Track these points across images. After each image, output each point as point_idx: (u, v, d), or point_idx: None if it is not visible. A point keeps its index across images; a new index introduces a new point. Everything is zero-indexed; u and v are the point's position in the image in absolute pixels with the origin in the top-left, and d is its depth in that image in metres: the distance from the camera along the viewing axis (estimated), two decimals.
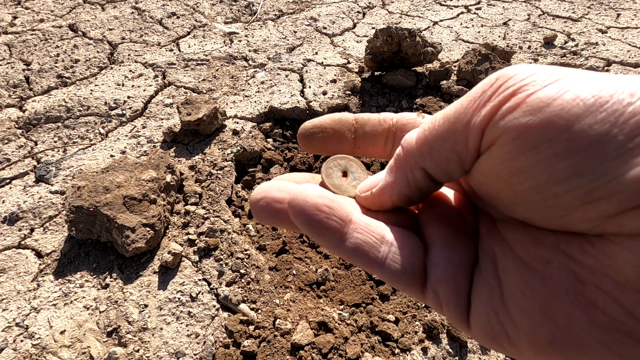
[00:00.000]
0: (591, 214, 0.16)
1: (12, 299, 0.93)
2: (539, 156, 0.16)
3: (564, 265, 0.17)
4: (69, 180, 1.19)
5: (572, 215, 0.16)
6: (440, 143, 0.20)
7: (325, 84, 1.59)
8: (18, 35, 1.79)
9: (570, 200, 0.16)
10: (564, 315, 0.17)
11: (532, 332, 0.18)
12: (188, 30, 1.97)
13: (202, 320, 0.90)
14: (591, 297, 0.16)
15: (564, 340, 0.17)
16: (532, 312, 0.18)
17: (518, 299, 0.18)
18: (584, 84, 0.16)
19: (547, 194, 0.17)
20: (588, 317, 0.16)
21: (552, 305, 0.17)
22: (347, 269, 1.03)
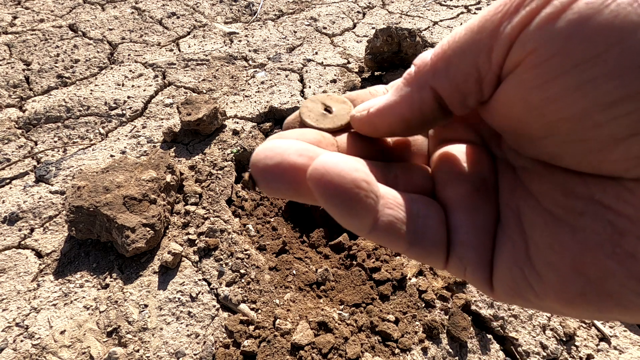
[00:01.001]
0: (635, 150, 0.14)
1: (12, 299, 0.93)
2: (582, 76, 0.14)
3: (599, 216, 0.16)
4: (69, 180, 1.19)
5: (612, 151, 0.15)
6: (459, 56, 0.17)
7: (325, 84, 1.59)
8: (18, 35, 1.79)
9: (614, 130, 0.14)
10: (598, 269, 0.15)
11: (561, 286, 0.16)
12: (188, 30, 1.97)
13: (202, 320, 0.90)
14: (631, 248, 0.15)
15: (597, 293, 0.16)
16: (562, 266, 0.16)
17: (545, 253, 0.17)
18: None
19: (587, 123, 0.14)
20: (626, 270, 0.15)
21: (585, 258, 0.16)
22: (347, 269, 1.03)
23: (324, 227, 1.13)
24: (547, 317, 0.94)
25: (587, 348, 0.90)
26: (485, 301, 0.95)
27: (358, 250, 1.04)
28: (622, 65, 0.13)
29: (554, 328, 0.92)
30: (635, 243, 0.15)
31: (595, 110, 0.14)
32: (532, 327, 0.92)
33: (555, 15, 0.14)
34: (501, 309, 0.94)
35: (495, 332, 0.91)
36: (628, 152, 0.14)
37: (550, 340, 0.90)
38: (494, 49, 0.16)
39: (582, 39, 0.13)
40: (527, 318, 0.93)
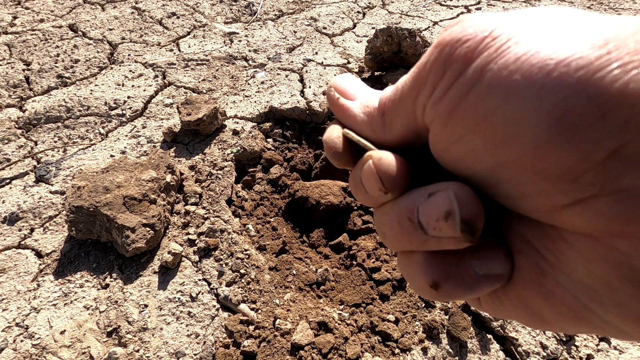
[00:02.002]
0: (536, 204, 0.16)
1: (12, 299, 0.93)
2: (466, 146, 0.16)
3: (530, 257, 0.18)
4: (69, 180, 1.19)
5: (520, 203, 0.16)
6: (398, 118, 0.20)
7: (325, 84, 1.59)
8: (18, 35, 1.79)
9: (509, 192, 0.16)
10: (534, 303, 0.18)
11: (515, 313, 0.19)
12: (188, 30, 1.97)
13: (202, 320, 0.90)
14: (551, 289, 0.17)
15: (540, 321, 0.18)
16: (511, 297, 0.19)
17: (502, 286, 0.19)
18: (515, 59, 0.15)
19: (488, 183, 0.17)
20: (551, 307, 0.17)
21: (524, 294, 0.18)
22: (347, 269, 1.03)
23: (324, 227, 1.13)
24: None
25: (587, 348, 0.90)
26: None
27: (358, 250, 1.04)
28: (489, 140, 0.15)
29: None
30: (554, 285, 0.17)
31: (488, 173, 0.16)
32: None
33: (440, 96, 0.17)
34: None
35: (495, 332, 0.91)
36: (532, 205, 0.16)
37: (550, 340, 0.90)
38: (416, 113, 0.19)
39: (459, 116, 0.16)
40: None
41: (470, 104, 0.15)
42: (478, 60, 0.15)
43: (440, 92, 0.17)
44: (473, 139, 0.16)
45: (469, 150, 0.16)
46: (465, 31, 0.16)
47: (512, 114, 0.14)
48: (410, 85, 0.19)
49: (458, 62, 0.16)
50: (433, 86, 0.17)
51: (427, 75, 0.17)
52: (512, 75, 0.14)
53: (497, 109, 0.15)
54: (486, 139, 0.15)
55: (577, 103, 0.13)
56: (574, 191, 0.14)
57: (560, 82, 0.13)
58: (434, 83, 0.17)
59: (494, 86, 0.15)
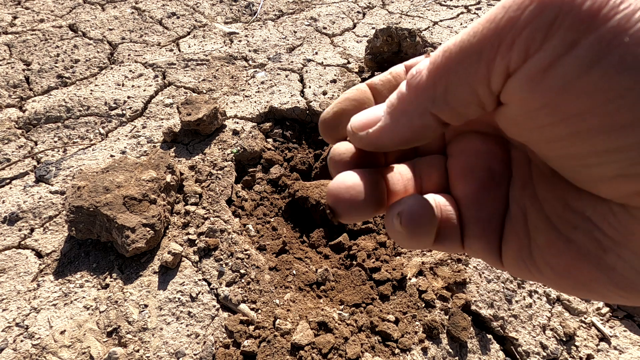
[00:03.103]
0: (621, 186, 0.15)
1: (12, 299, 0.93)
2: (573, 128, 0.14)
3: (589, 232, 0.18)
4: (69, 180, 1.19)
5: (601, 184, 0.16)
6: (457, 83, 0.16)
7: (325, 84, 1.59)
8: (18, 35, 1.79)
9: (603, 171, 0.15)
10: (586, 275, 0.18)
11: (557, 281, 0.19)
12: (188, 30, 1.97)
13: (202, 320, 0.90)
14: (611, 263, 0.17)
15: (585, 290, 0.19)
16: (557, 267, 0.19)
17: (544, 255, 0.19)
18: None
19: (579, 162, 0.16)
20: (608, 278, 0.17)
21: (575, 265, 0.18)
22: (347, 269, 1.03)
23: (324, 227, 1.13)
24: (547, 317, 0.94)
25: (587, 348, 0.90)
26: (485, 301, 0.95)
27: (358, 250, 1.04)
28: (609, 122, 0.13)
29: (554, 328, 0.92)
30: (615, 259, 0.17)
31: (585, 155, 0.15)
32: (532, 327, 0.92)
33: (544, 68, 0.13)
34: (501, 309, 0.94)
35: (495, 332, 0.91)
36: (614, 187, 0.15)
37: (550, 340, 0.90)
38: (491, 80, 0.15)
39: (573, 95, 0.13)
40: (527, 318, 0.93)
41: (587, 82, 0.13)
42: (604, 27, 0.12)
43: (543, 61, 0.13)
44: (586, 121, 0.13)
45: (573, 132, 0.14)
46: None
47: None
48: (481, 46, 0.15)
49: (575, 25, 0.12)
50: (526, 50, 0.14)
51: (516, 35, 0.14)
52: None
53: (632, 90, 0.12)
54: (607, 121, 0.13)
55: None
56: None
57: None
58: (527, 46, 0.13)
59: (627, 63, 0.12)
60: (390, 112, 0.20)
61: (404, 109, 0.19)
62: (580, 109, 0.13)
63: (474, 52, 0.15)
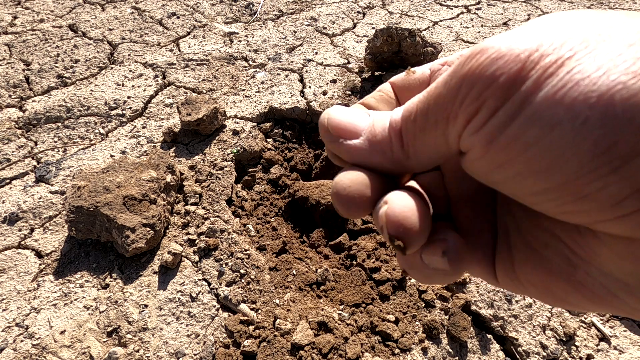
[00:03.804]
0: (576, 219, 0.16)
1: (12, 299, 0.93)
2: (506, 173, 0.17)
3: (559, 250, 0.19)
4: (69, 180, 1.19)
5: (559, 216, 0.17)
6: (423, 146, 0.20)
7: (325, 84, 1.59)
8: (18, 35, 1.79)
9: (549, 209, 0.17)
10: (560, 289, 0.19)
11: (539, 296, 0.21)
12: (188, 30, 1.97)
13: (202, 320, 0.90)
14: (581, 279, 0.18)
15: (564, 303, 0.20)
16: (535, 283, 0.20)
17: (524, 272, 0.21)
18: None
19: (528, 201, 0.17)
20: (580, 294, 0.18)
21: (550, 281, 0.20)
22: (347, 269, 1.03)
23: (324, 227, 1.13)
24: (547, 317, 0.94)
25: (587, 348, 0.90)
26: (485, 301, 0.95)
27: (358, 250, 1.04)
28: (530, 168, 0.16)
29: (554, 328, 0.92)
30: (585, 276, 0.18)
31: (528, 195, 0.17)
32: (532, 327, 0.92)
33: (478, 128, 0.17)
34: (501, 309, 0.94)
35: (495, 332, 0.91)
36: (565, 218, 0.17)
37: (550, 340, 0.90)
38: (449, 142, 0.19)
39: (500, 146, 0.16)
40: (527, 318, 0.93)
41: (512, 134, 0.16)
42: (516, 94, 0.15)
43: (478, 123, 0.17)
44: (516, 165, 0.16)
45: (511, 175, 0.17)
46: (495, 64, 0.16)
47: (557, 144, 0.14)
48: (436, 118, 0.19)
49: (495, 96, 0.16)
50: (467, 120, 0.17)
51: (457, 109, 0.17)
52: (554, 109, 0.14)
53: (541, 139, 0.15)
54: (530, 167, 0.15)
55: (623, 135, 0.13)
56: (616, 211, 0.14)
57: (605, 115, 0.13)
58: (468, 117, 0.17)
59: (536, 118, 0.15)
60: (369, 140, 0.22)
61: (382, 149, 0.22)
62: (508, 157, 0.16)
63: (432, 125, 0.19)
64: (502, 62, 0.16)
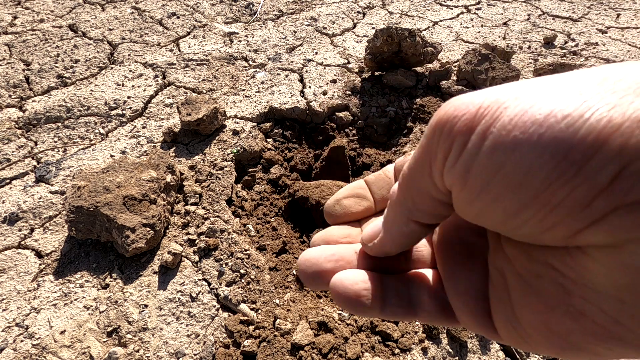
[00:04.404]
0: (557, 235, 0.17)
1: (12, 299, 0.93)
2: (484, 201, 0.18)
3: (553, 278, 0.18)
4: (69, 180, 1.19)
5: (542, 237, 0.18)
6: (417, 195, 0.22)
7: (325, 84, 1.59)
8: (18, 35, 1.79)
9: (531, 230, 0.18)
10: (561, 326, 0.18)
11: (544, 342, 0.20)
12: (188, 30, 1.97)
13: (202, 320, 0.90)
14: (579, 307, 0.17)
15: (570, 347, 0.19)
16: (538, 325, 0.19)
17: (524, 313, 0.20)
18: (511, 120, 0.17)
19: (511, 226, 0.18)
20: (580, 327, 0.17)
21: (550, 318, 0.19)
22: None
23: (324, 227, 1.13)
24: None
25: None
26: None
27: None
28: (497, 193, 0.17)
29: None
30: (581, 302, 0.17)
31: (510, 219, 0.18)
32: None
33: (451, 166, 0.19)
34: None
35: None
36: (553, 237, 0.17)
37: None
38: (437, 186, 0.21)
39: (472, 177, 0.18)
40: None
41: (480, 162, 0.18)
42: (478, 128, 0.18)
43: (452, 160, 0.19)
44: (491, 190, 0.18)
45: (491, 199, 0.18)
46: (459, 108, 0.19)
47: (521, 162, 0.16)
48: (422, 163, 0.21)
49: (461, 132, 0.19)
50: (444, 157, 0.19)
51: (435, 150, 0.20)
52: (511, 134, 0.17)
53: (506, 161, 0.17)
54: (505, 186, 0.17)
55: (573, 143, 0.15)
56: (589, 215, 0.15)
57: (553, 130, 0.16)
58: (444, 155, 0.19)
59: (497, 145, 0.17)
60: (385, 225, 0.26)
61: (393, 220, 0.25)
62: (484, 182, 0.18)
63: (418, 174, 0.22)
64: (464, 107, 0.19)
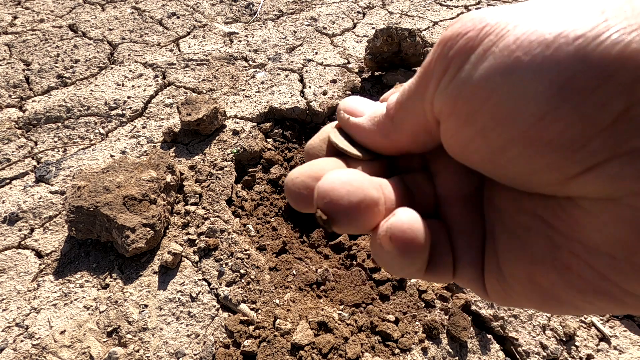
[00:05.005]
0: (547, 179, 0.15)
1: (12, 299, 0.93)
2: (473, 128, 0.16)
3: (541, 231, 0.17)
4: (69, 180, 1.19)
5: (530, 181, 0.16)
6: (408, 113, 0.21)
7: (325, 84, 1.59)
8: (18, 35, 1.79)
9: (518, 170, 0.16)
10: (545, 279, 0.17)
11: (526, 294, 0.18)
12: (188, 30, 1.97)
13: (202, 321, 0.90)
14: (566, 261, 0.16)
15: (553, 299, 0.18)
16: (521, 278, 0.18)
17: (509, 266, 0.19)
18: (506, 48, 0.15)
19: (496, 165, 0.17)
20: (565, 281, 0.17)
21: (535, 270, 0.18)
22: (347, 269, 1.03)
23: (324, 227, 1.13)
24: (547, 317, 0.94)
25: (587, 348, 0.90)
26: (485, 301, 0.95)
27: (358, 251, 1.04)
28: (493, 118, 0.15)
29: (554, 328, 0.92)
30: (570, 257, 0.16)
31: (498, 154, 0.16)
32: (532, 327, 0.92)
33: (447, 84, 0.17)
34: (501, 309, 0.94)
35: (495, 332, 0.91)
36: (544, 180, 0.16)
37: (550, 340, 0.90)
38: (425, 109, 0.19)
39: (465, 98, 0.16)
40: (527, 318, 0.93)
41: (473, 86, 0.16)
42: (480, 47, 0.16)
43: (445, 82, 0.17)
44: (479, 119, 0.16)
45: (477, 131, 0.16)
46: (465, 25, 0.17)
47: (515, 88, 0.14)
48: (417, 84, 0.19)
49: (460, 53, 0.17)
50: (438, 80, 0.18)
51: (432, 72, 0.18)
52: (513, 54, 0.15)
53: (501, 86, 0.15)
54: (492, 117, 0.15)
55: (579, 69, 0.13)
56: (584, 159, 0.14)
57: (560, 52, 0.13)
58: (438, 77, 0.18)
59: (495, 67, 0.15)
60: (369, 118, 0.24)
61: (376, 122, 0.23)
62: (473, 108, 0.16)
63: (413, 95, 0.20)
64: (470, 24, 0.17)
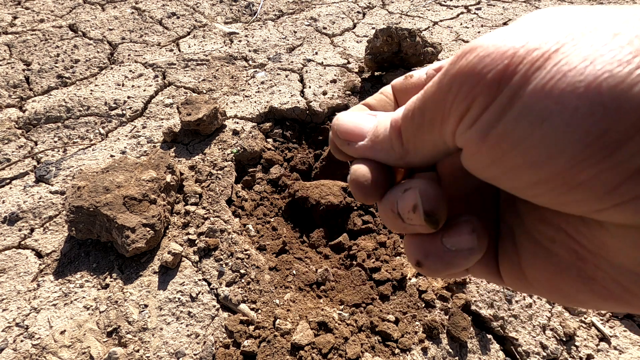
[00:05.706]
0: (575, 209, 0.16)
1: (12, 299, 0.93)
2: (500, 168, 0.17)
3: (566, 244, 0.18)
4: (69, 180, 1.19)
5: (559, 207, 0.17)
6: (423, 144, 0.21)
7: (325, 84, 1.59)
8: (18, 35, 1.79)
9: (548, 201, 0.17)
10: (569, 286, 0.19)
11: (548, 294, 0.20)
12: (188, 30, 1.97)
13: (202, 321, 0.90)
14: (591, 273, 0.18)
15: (573, 301, 0.19)
16: (544, 282, 0.20)
17: (532, 270, 0.20)
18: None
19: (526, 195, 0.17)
20: (591, 290, 0.18)
21: (559, 278, 0.19)
22: (347, 269, 1.03)
23: (324, 227, 1.13)
24: (547, 317, 0.94)
25: (587, 348, 0.90)
26: (485, 301, 0.95)
27: (358, 251, 1.04)
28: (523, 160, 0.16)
29: (554, 328, 0.92)
30: (594, 269, 0.17)
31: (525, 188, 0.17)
32: (532, 327, 0.92)
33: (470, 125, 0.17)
34: (501, 309, 0.94)
35: (495, 332, 0.91)
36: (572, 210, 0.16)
37: (550, 340, 0.90)
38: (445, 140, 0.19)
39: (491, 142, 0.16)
40: (527, 318, 0.93)
41: (504, 129, 0.16)
42: (506, 89, 0.15)
43: (470, 120, 0.17)
44: (510, 159, 0.16)
45: (506, 169, 0.17)
46: (483, 62, 0.16)
47: (549, 137, 0.14)
48: (431, 115, 0.19)
49: (485, 92, 0.16)
50: (459, 117, 0.17)
51: (449, 106, 0.18)
52: (543, 102, 0.14)
53: (533, 132, 0.15)
54: (524, 160, 0.15)
55: (614, 122, 0.13)
56: (614, 198, 0.14)
57: (594, 103, 0.13)
58: (459, 115, 0.17)
59: (526, 113, 0.15)
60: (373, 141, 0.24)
61: (383, 147, 0.23)
62: (502, 151, 0.16)
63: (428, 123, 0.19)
64: (489, 60, 0.16)
